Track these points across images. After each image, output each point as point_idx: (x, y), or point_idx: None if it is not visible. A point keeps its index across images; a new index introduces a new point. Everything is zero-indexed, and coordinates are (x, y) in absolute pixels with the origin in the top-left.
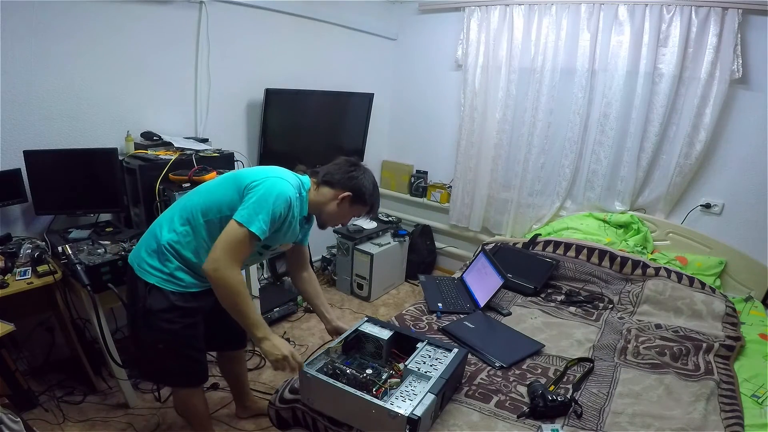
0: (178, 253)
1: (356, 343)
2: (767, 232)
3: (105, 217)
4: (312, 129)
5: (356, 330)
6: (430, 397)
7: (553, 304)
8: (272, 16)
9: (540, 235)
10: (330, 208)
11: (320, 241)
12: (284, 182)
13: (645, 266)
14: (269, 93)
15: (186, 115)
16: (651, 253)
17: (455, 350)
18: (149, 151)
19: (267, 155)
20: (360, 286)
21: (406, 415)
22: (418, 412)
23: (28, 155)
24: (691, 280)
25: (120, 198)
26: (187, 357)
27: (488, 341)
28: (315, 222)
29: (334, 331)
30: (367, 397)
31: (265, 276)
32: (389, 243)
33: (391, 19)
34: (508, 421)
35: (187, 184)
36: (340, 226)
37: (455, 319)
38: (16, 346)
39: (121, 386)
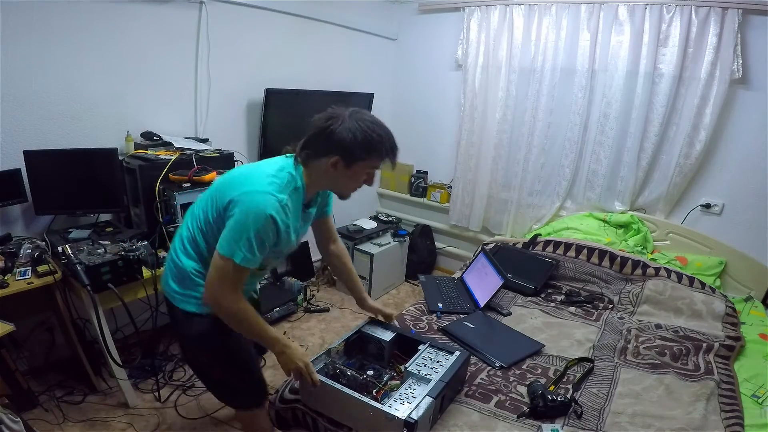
0: (203, 276)
1: (358, 344)
2: (767, 232)
3: (105, 217)
4: None
5: (358, 331)
6: (429, 400)
7: (553, 304)
8: (272, 16)
9: (540, 235)
10: (331, 181)
11: None
12: (262, 196)
13: (645, 266)
14: (269, 93)
15: (186, 115)
16: (651, 253)
17: (457, 353)
18: (149, 151)
19: (267, 155)
20: None
21: (403, 418)
22: (416, 415)
23: (28, 155)
24: (691, 280)
25: (120, 198)
26: (246, 372)
27: (488, 341)
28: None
29: (372, 310)
30: (365, 399)
31: (266, 276)
32: (389, 243)
33: (391, 19)
34: (508, 421)
35: (187, 184)
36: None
37: (455, 319)
38: (16, 346)
39: (121, 386)
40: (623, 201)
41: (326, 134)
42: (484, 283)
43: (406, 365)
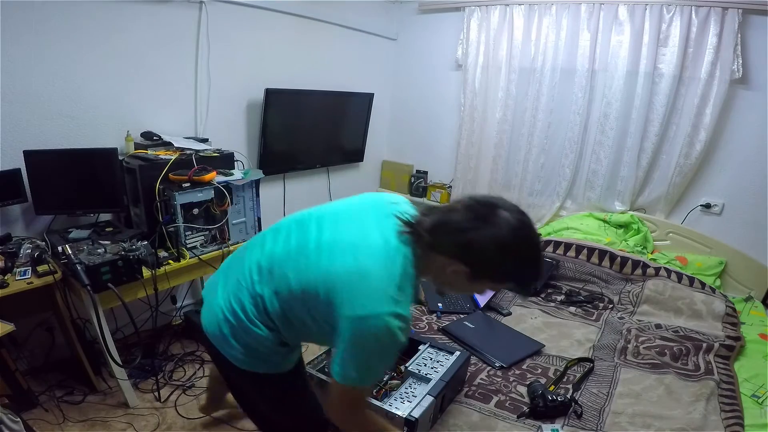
0: (277, 344)
1: None
2: (767, 232)
3: (105, 217)
4: (312, 129)
5: None
6: (429, 399)
7: (553, 304)
8: (272, 16)
9: (540, 235)
10: (445, 280)
11: None
12: (389, 323)
13: (645, 266)
14: (269, 93)
15: (186, 115)
16: (651, 253)
17: (457, 353)
18: (149, 151)
19: (267, 155)
20: None
21: (404, 416)
22: (416, 414)
23: (28, 155)
24: (691, 280)
25: (120, 198)
26: (313, 415)
27: (488, 341)
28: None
29: None
30: None
31: None
32: None
33: (391, 19)
34: (508, 421)
35: (187, 184)
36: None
37: (455, 319)
38: (16, 346)
39: (121, 386)
40: (623, 201)
41: (462, 237)
42: None
43: (407, 365)
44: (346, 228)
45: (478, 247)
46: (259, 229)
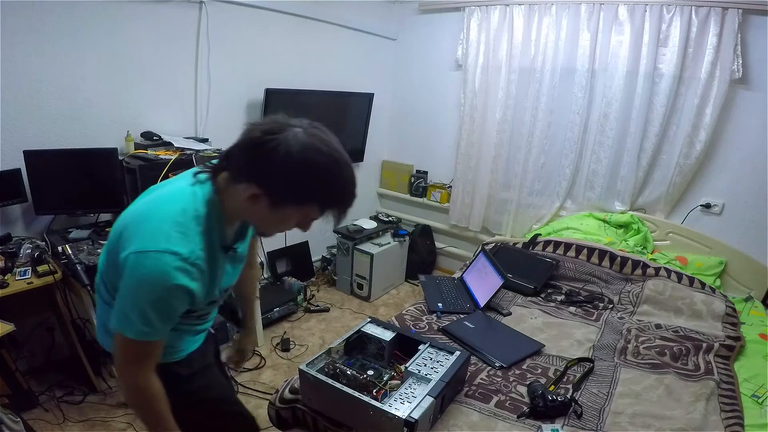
0: None
1: (359, 343)
2: (767, 232)
3: (105, 217)
4: None
5: (358, 331)
6: (429, 399)
7: (553, 304)
8: (272, 16)
9: (540, 235)
10: (248, 215)
11: (320, 241)
12: (159, 259)
13: (645, 266)
14: (269, 93)
15: (186, 115)
16: (651, 253)
17: (457, 353)
18: (149, 151)
19: None
20: (360, 286)
21: (404, 417)
22: (416, 414)
23: (28, 155)
24: (691, 280)
25: (120, 198)
26: (229, 414)
27: (488, 341)
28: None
29: (236, 344)
30: (366, 398)
31: (265, 276)
32: (389, 243)
33: (391, 19)
34: (508, 421)
35: None
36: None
37: (455, 319)
38: (16, 346)
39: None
40: (623, 201)
41: (257, 153)
42: (484, 283)
43: (407, 365)
44: (152, 189)
45: (266, 161)
46: None
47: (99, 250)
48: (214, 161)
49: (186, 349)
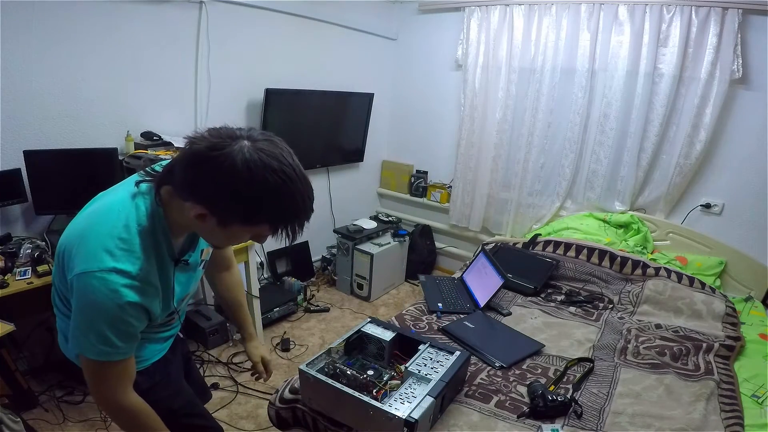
0: None
1: (359, 343)
2: (767, 232)
3: None
4: (312, 129)
5: (358, 331)
6: (429, 399)
7: (553, 304)
8: (272, 16)
9: (540, 235)
10: (199, 230)
11: (320, 241)
12: (104, 280)
13: (645, 266)
14: (269, 93)
15: (186, 115)
16: (651, 253)
17: (457, 353)
18: (149, 151)
19: None
20: (360, 286)
21: (404, 417)
22: (416, 414)
23: (28, 155)
24: (691, 280)
25: None
26: (191, 427)
27: (488, 341)
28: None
29: (252, 357)
30: (366, 398)
31: (265, 276)
32: (389, 243)
33: (391, 19)
34: (508, 421)
35: None
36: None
37: (455, 319)
38: (16, 346)
39: None
40: (623, 201)
41: (200, 171)
42: (484, 283)
43: (407, 365)
44: (95, 199)
45: (210, 181)
46: None
47: None
48: (156, 167)
49: (149, 358)
